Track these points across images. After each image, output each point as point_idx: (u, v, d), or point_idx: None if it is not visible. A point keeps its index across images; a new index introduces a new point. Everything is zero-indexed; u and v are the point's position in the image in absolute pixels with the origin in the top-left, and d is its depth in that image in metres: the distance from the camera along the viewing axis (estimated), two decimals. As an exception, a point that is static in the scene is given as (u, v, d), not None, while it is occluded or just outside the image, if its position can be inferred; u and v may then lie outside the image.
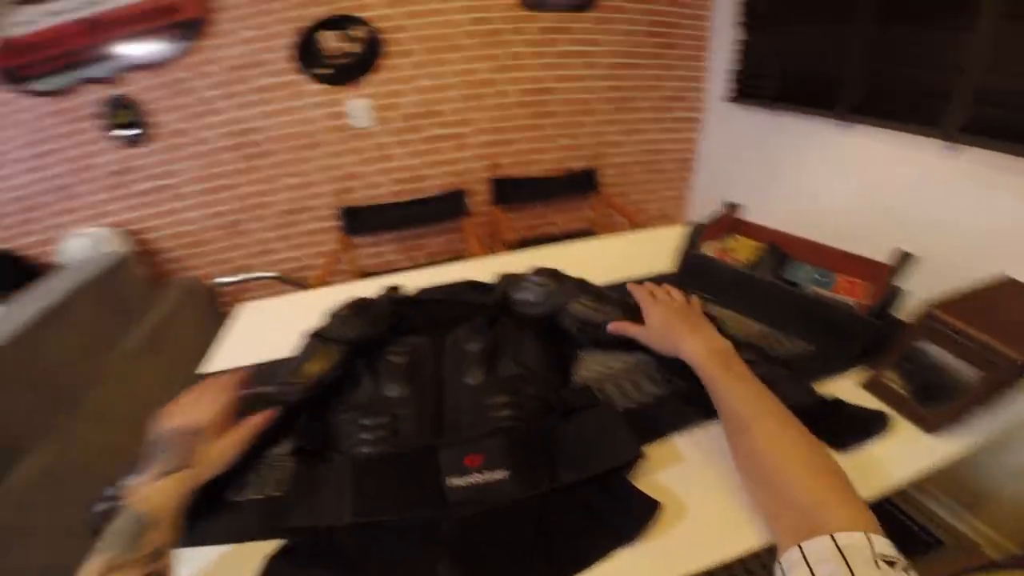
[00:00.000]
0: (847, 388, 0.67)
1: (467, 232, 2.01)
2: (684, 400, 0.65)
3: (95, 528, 0.49)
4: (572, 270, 0.83)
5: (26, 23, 1.65)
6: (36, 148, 1.83)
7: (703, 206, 2.46)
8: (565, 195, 2.31)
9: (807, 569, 0.37)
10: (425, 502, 0.52)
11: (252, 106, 1.87)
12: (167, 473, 0.51)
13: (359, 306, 0.80)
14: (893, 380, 0.63)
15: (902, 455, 0.57)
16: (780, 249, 0.88)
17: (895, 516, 1.28)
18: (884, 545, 0.36)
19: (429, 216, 2.15)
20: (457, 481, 0.52)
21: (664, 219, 2.58)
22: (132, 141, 1.85)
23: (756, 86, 1.90)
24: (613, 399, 0.66)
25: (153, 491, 0.49)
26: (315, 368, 0.69)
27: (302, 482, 0.55)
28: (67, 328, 1.25)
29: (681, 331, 0.63)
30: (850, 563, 0.35)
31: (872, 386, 0.66)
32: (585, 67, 2.07)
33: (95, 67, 1.73)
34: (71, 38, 1.68)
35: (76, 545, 0.49)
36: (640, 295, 0.72)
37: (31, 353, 1.15)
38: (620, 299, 0.76)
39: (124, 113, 1.80)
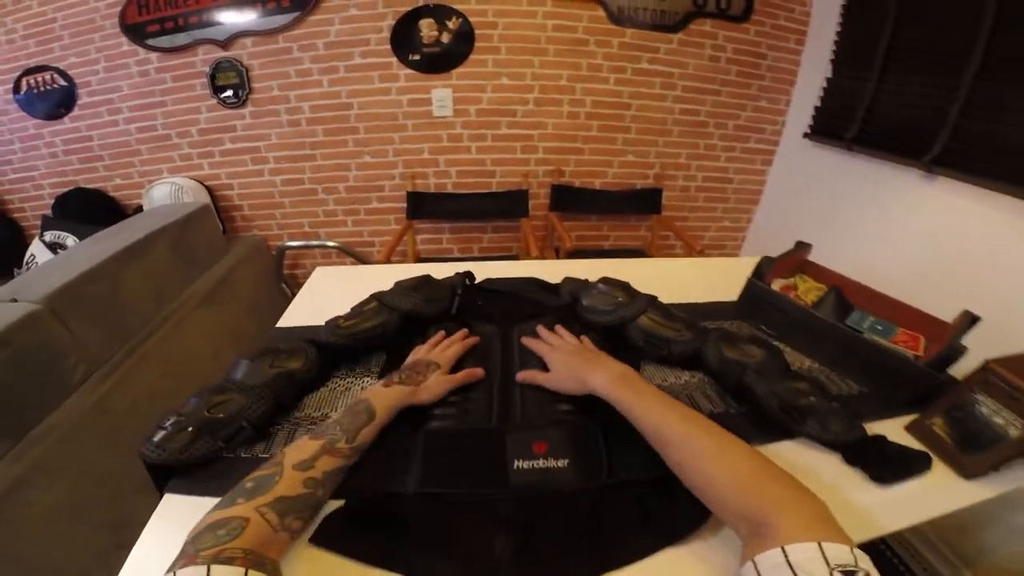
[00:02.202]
0: (891, 429, 0.66)
1: (525, 232, 2.04)
2: (736, 419, 0.66)
3: (146, 456, 0.54)
4: (636, 286, 0.85)
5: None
6: (144, 99, 1.99)
7: (761, 241, 2.41)
8: (623, 212, 2.31)
9: None
10: (490, 480, 0.55)
11: (346, 83, 1.96)
12: (395, 384, 0.63)
13: (422, 282, 0.85)
14: (939, 426, 0.64)
15: (934, 495, 0.58)
16: (844, 295, 0.88)
17: (887, 558, 1.27)
18: (840, 553, 0.34)
19: (490, 211, 2.20)
20: (522, 464, 0.56)
21: (719, 249, 2.56)
22: (231, 103, 1.98)
23: (837, 126, 1.86)
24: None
25: (383, 393, 0.61)
26: (360, 324, 0.74)
27: (370, 448, 0.58)
28: (141, 268, 1.26)
29: (583, 368, 0.65)
30: None
31: (916, 429, 0.67)
32: (664, 87, 2.08)
33: (210, 29, 1.86)
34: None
35: (96, 488, 0.51)
36: (536, 346, 0.73)
37: (106, 287, 1.14)
38: (687, 318, 0.78)
39: (229, 76, 1.92)
